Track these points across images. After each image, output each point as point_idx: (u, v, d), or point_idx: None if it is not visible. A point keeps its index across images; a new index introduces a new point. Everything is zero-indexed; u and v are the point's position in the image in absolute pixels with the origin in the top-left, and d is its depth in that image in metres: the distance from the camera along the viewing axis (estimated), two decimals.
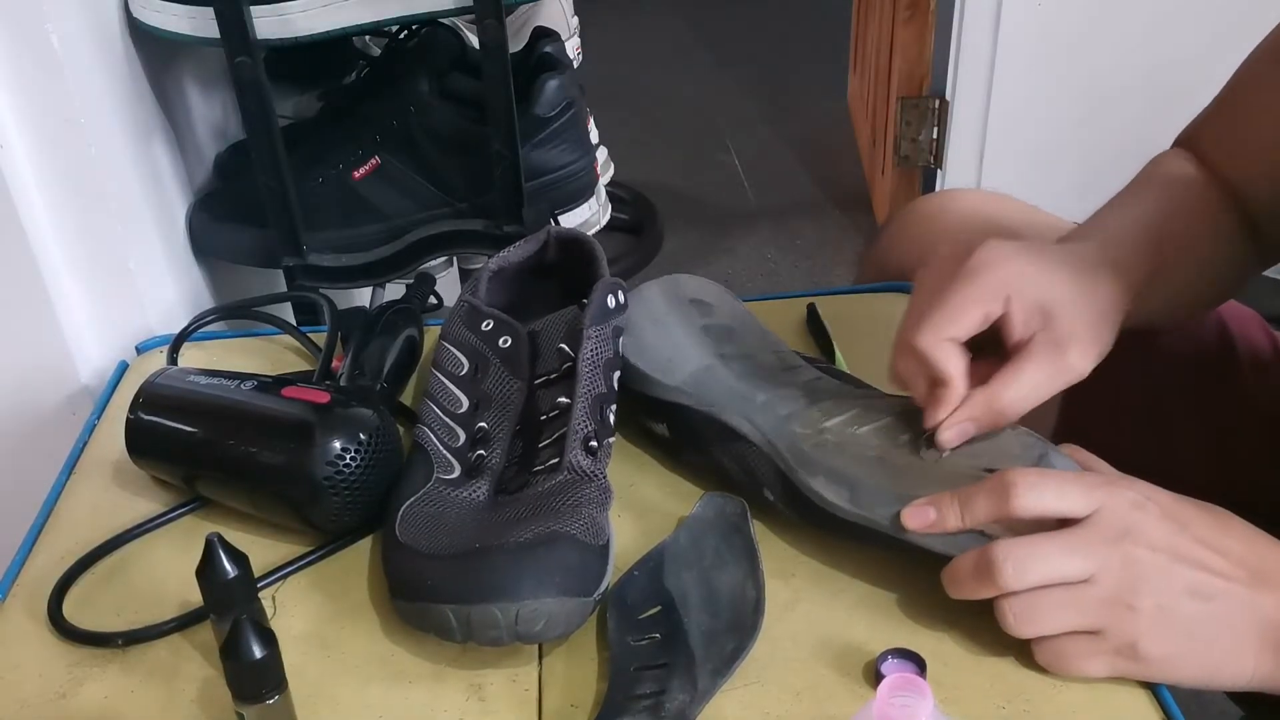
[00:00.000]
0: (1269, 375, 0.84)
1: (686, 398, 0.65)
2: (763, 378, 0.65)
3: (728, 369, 0.66)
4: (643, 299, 0.71)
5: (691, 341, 0.68)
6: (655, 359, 0.68)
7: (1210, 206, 0.72)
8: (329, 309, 0.79)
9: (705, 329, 0.69)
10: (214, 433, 0.65)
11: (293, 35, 0.83)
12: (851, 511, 0.58)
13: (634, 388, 0.68)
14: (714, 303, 0.72)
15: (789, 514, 0.62)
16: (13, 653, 0.60)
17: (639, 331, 0.69)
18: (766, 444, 0.62)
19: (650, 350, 0.68)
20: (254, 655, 0.49)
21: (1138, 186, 0.72)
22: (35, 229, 0.80)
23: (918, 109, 2.14)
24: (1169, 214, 0.69)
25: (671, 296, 0.71)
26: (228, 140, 1.04)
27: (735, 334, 0.69)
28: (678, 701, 0.53)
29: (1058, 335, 0.58)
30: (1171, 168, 0.74)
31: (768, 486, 0.62)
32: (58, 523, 0.68)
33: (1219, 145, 0.74)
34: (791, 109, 2.96)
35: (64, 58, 0.76)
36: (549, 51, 0.94)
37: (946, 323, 0.59)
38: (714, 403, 0.64)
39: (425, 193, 0.91)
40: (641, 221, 2.40)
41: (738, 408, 0.64)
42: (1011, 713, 0.54)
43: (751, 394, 0.64)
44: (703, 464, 0.67)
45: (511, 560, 0.55)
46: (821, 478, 0.59)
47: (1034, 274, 0.60)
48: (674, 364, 0.67)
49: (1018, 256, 0.60)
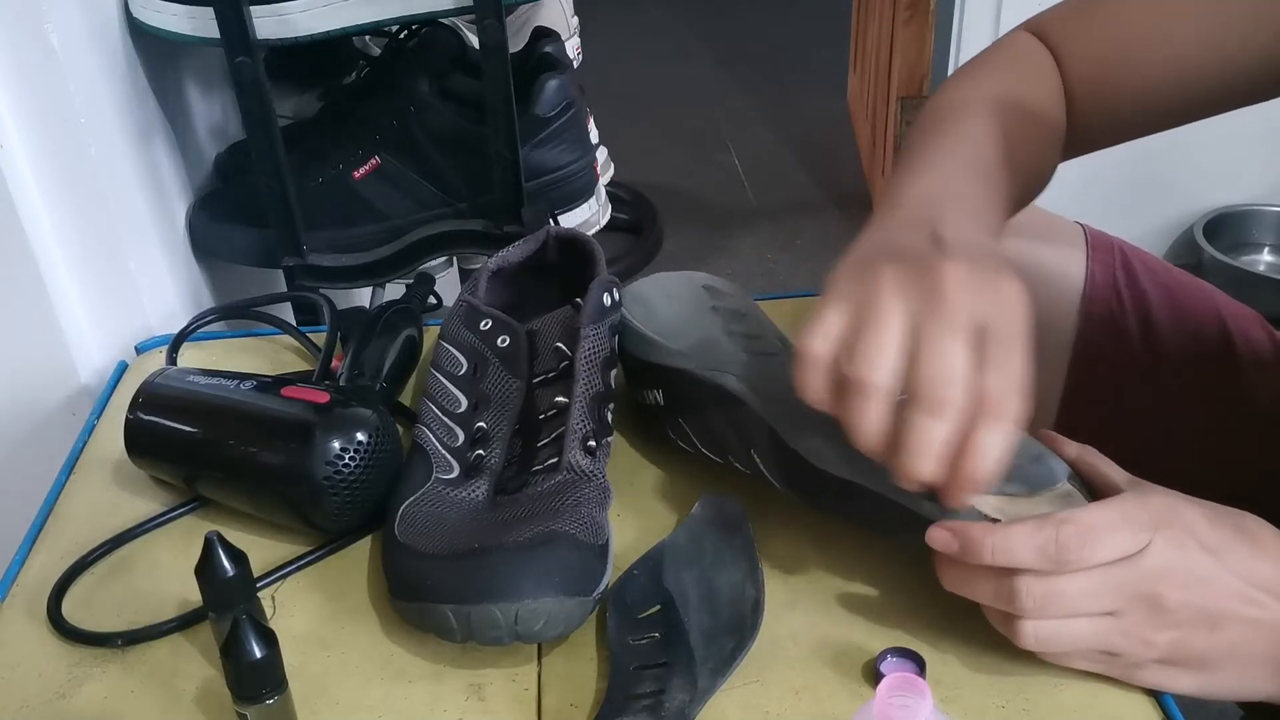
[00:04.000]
0: (1270, 374, 0.84)
1: (688, 361, 0.66)
2: (767, 353, 0.66)
3: (732, 342, 0.66)
4: (657, 278, 0.73)
5: (700, 315, 0.69)
6: (661, 326, 0.68)
7: (1049, 110, 0.72)
8: (329, 309, 0.79)
9: (715, 309, 0.70)
10: (213, 433, 0.65)
11: (293, 35, 0.83)
12: (837, 464, 0.57)
13: (635, 354, 0.68)
14: (726, 290, 0.73)
15: (779, 481, 0.62)
16: (13, 653, 0.60)
17: (648, 301, 0.70)
18: (761, 406, 0.62)
19: (658, 317, 0.69)
20: (254, 655, 0.49)
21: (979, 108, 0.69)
22: (35, 229, 0.80)
23: (918, 109, 2.13)
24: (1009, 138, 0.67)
25: (685, 280, 0.73)
26: (228, 140, 1.04)
27: (744, 317, 0.70)
28: (677, 701, 0.53)
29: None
30: (1025, 64, 0.74)
31: (756, 448, 0.62)
32: (58, 523, 0.68)
33: (1072, 39, 0.74)
34: (791, 109, 2.96)
35: (64, 58, 0.76)
36: (549, 51, 0.94)
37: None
38: (715, 367, 0.65)
39: (425, 193, 0.91)
40: (641, 221, 2.40)
41: (739, 373, 0.64)
42: (1011, 712, 0.54)
43: (754, 364, 0.64)
44: (697, 432, 0.66)
45: (511, 560, 0.55)
46: (809, 433, 0.59)
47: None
48: (679, 331, 0.68)
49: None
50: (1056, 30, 0.75)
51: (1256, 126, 2.04)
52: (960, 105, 0.68)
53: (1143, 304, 0.85)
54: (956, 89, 0.71)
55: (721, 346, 0.66)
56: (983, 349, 0.50)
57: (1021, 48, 0.75)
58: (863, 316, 0.52)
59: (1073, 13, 0.76)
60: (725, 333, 0.67)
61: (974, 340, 0.50)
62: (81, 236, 0.82)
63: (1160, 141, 0.78)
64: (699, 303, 0.70)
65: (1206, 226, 2.09)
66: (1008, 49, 0.76)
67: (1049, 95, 0.73)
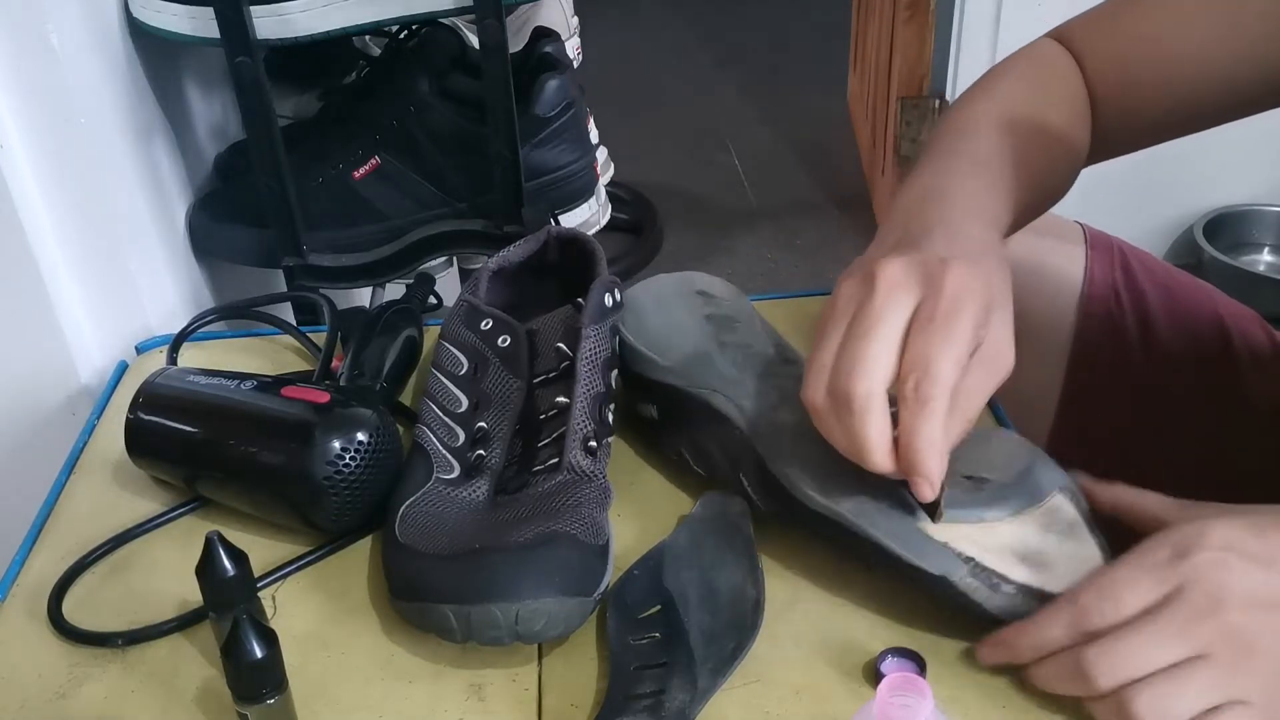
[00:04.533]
0: (1268, 374, 0.84)
1: (678, 378, 0.66)
2: (758, 367, 0.65)
3: (724, 356, 0.66)
4: (651, 284, 0.72)
5: (692, 326, 0.69)
6: (653, 339, 0.68)
7: (1068, 124, 0.72)
8: (329, 309, 0.79)
9: (708, 317, 0.69)
10: (214, 433, 0.65)
11: (293, 35, 0.83)
12: (818, 501, 0.58)
13: (630, 367, 0.68)
14: (720, 295, 0.72)
15: (762, 504, 0.62)
16: (13, 653, 0.60)
17: (641, 311, 0.70)
18: (749, 429, 0.62)
19: (650, 330, 0.69)
20: (254, 655, 0.49)
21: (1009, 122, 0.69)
22: (35, 229, 0.80)
23: (918, 109, 2.14)
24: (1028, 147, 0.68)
25: (680, 285, 0.73)
26: (228, 140, 1.04)
27: (737, 325, 0.69)
28: (678, 701, 0.53)
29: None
30: (1051, 69, 0.75)
31: (745, 473, 0.62)
32: (58, 523, 0.68)
33: (1094, 40, 0.75)
34: (791, 109, 2.96)
35: (64, 58, 0.76)
36: (549, 51, 0.94)
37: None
38: (705, 385, 0.64)
39: (425, 193, 0.91)
40: (641, 221, 2.40)
41: (728, 392, 0.64)
42: (1011, 712, 0.54)
43: (744, 381, 0.64)
44: (689, 449, 0.67)
45: (511, 560, 0.55)
46: (796, 467, 0.59)
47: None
48: (671, 345, 0.67)
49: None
50: (1080, 35, 0.76)
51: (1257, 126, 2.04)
52: (973, 121, 0.68)
53: (1142, 304, 0.85)
54: (972, 103, 0.71)
55: (712, 362, 0.66)
56: (917, 333, 0.52)
57: (1044, 53, 0.76)
58: (850, 334, 0.54)
59: (1095, 17, 0.76)
60: (717, 344, 0.67)
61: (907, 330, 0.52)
62: (81, 236, 0.82)
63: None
64: (692, 311, 0.70)
65: (1206, 226, 2.09)
66: (1029, 55, 0.76)
67: (1070, 104, 0.73)
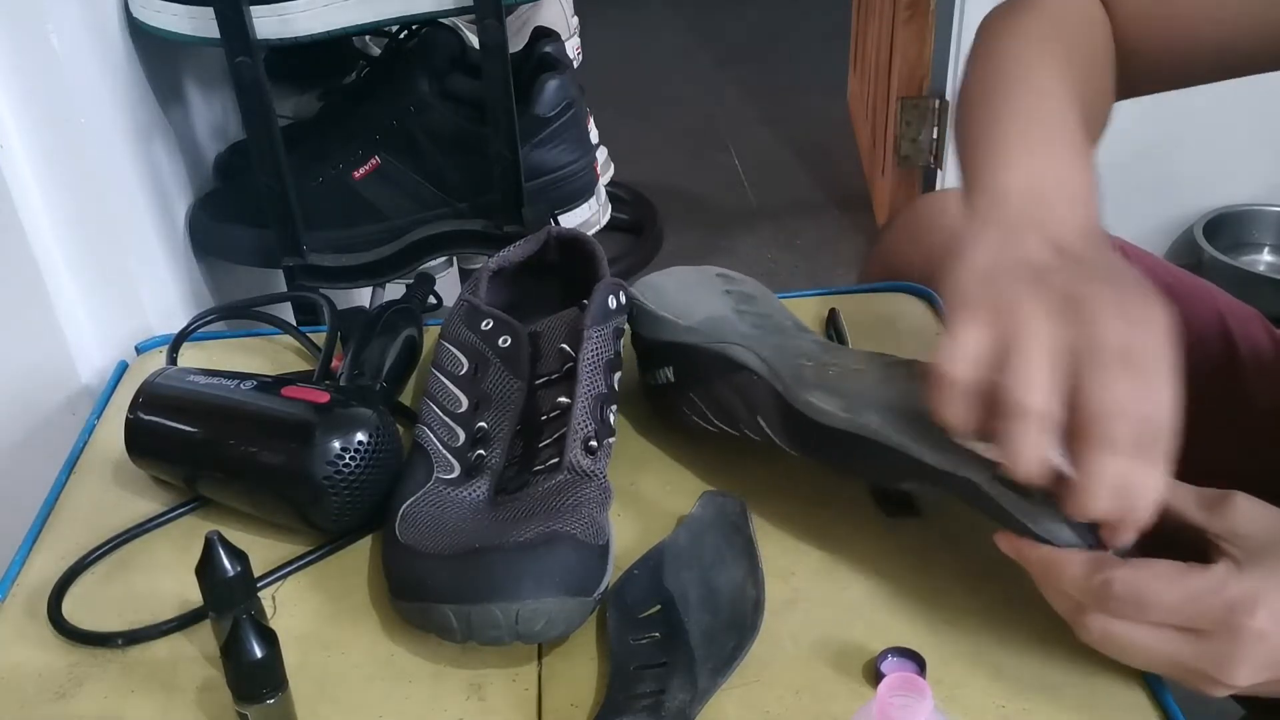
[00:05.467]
0: (1270, 373, 0.84)
1: (698, 336, 0.66)
2: (777, 331, 0.67)
3: (743, 321, 0.67)
4: (670, 270, 0.74)
5: (712, 297, 0.70)
6: (673, 305, 0.69)
7: (1101, 51, 0.71)
8: (329, 309, 0.79)
9: (727, 292, 0.71)
10: (214, 433, 0.65)
11: (293, 35, 0.83)
12: (842, 418, 0.58)
13: (646, 335, 0.69)
14: (739, 278, 0.74)
15: (785, 443, 0.62)
16: (13, 653, 0.60)
17: (660, 287, 0.71)
18: (769, 372, 0.63)
19: (670, 299, 0.70)
20: (254, 655, 0.49)
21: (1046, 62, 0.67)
22: (35, 229, 0.80)
23: (918, 109, 2.14)
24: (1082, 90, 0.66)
25: (699, 270, 0.74)
26: (228, 140, 1.04)
27: (755, 300, 0.71)
28: (678, 700, 0.53)
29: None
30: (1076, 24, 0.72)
31: (763, 414, 0.63)
32: (58, 523, 0.68)
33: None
34: (791, 109, 2.96)
35: (64, 58, 0.76)
36: (549, 51, 0.94)
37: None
38: (722, 339, 0.65)
39: (425, 193, 0.91)
40: (641, 221, 2.40)
41: (745, 343, 0.65)
42: (1011, 712, 0.54)
43: (764, 338, 0.65)
44: (706, 403, 0.67)
45: (511, 560, 0.55)
46: (817, 392, 0.60)
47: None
48: (691, 309, 0.69)
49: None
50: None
51: (1257, 126, 2.05)
52: (1022, 56, 0.66)
53: None
54: (1008, 35, 0.68)
55: (730, 321, 0.67)
56: (1134, 380, 0.49)
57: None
58: (1010, 339, 0.50)
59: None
60: (735, 311, 0.68)
61: (1129, 370, 0.49)
62: (81, 236, 0.82)
63: (1160, 141, 0.79)
64: (711, 287, 0.72)
65: (1206, 226, 2.09)
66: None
67: (1100, 32, 0.71)
